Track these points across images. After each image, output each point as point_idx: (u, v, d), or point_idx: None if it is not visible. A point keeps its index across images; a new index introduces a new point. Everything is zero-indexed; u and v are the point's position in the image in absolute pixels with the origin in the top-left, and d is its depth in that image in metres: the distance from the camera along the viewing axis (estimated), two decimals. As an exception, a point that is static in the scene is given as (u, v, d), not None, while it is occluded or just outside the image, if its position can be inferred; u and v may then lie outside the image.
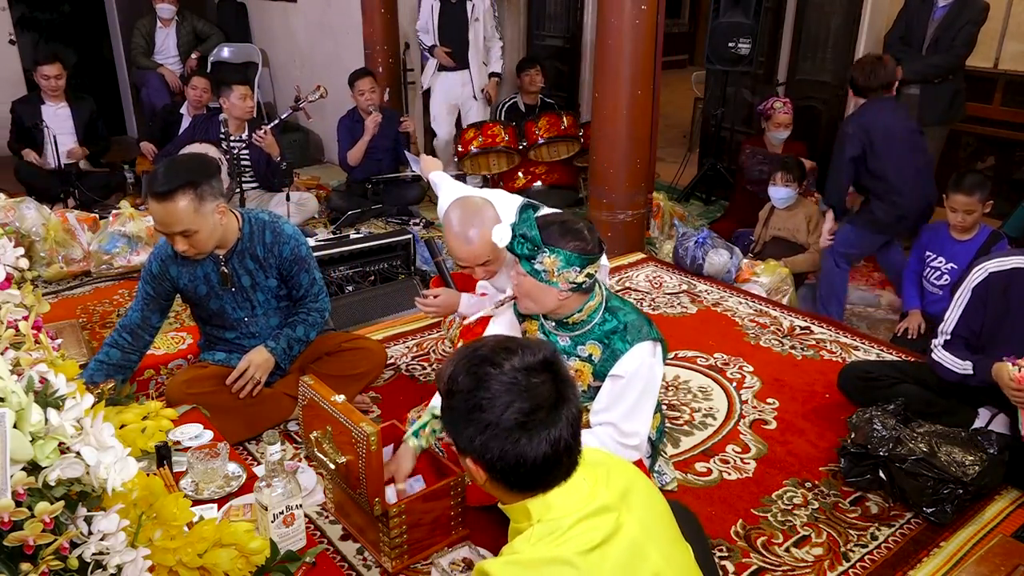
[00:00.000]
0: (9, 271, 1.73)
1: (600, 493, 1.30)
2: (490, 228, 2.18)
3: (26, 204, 4.10)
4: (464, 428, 1.29)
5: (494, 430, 1.25)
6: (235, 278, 2.53)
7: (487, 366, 1.28)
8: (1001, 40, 4.96)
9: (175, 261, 2.50)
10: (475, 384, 1.28)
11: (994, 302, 2.49)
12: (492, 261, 2.37)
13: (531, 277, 1.95)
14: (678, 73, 9.41)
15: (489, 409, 1.25)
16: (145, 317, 2.54)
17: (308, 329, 2.63)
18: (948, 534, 2.25)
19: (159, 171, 2.32)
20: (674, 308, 3.74)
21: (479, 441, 1.27)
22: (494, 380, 1.27)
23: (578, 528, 1.25)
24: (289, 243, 2.56)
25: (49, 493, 1.27)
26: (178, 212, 2.28)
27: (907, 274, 3.59)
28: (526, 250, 1.93)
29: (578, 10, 6.07)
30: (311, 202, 5.04)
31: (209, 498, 2.08)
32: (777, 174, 4.17)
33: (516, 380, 1.27)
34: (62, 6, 7.19)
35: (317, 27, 6.37)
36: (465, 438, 1.29)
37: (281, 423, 2.68)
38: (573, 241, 1.91)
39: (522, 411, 1.25)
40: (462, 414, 1.29)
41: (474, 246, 2.29)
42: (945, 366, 2.55)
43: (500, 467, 1.27)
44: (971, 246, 3.35)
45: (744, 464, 2.56)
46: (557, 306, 1.99)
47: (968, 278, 2.55)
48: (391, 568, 2.03)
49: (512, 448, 1.25)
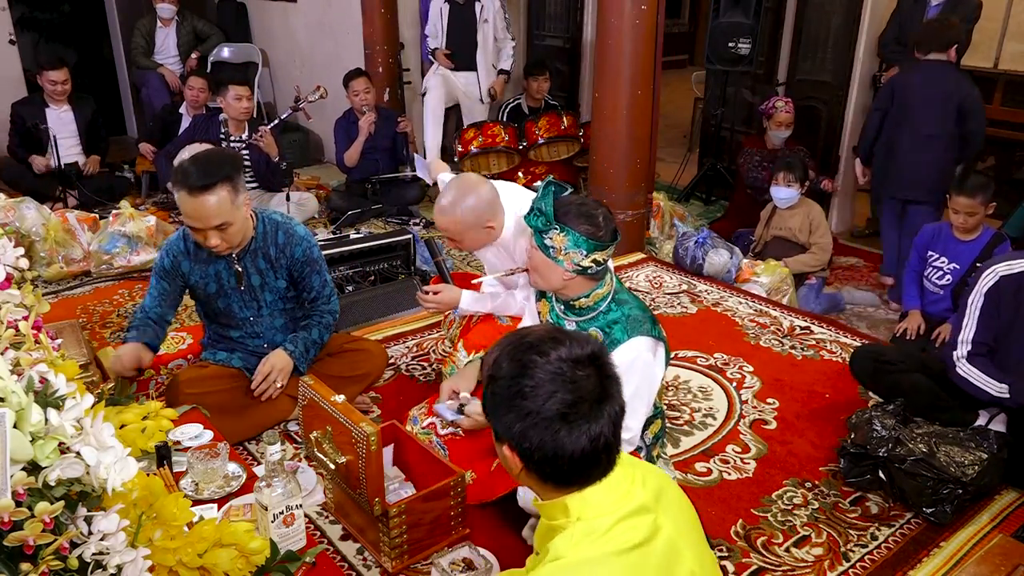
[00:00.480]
0: (9, 271, 1.73)
1: (637, 493, 1.28)
2: (469, 206, 2.35)
3: (26, 204, 4.10)
4: (504, 414, 1.26)
5: (534, 419, 1.23)
6: (246, 277, 2.54)
7: (533, 354, 1.26)
8: (1001, 40, 4.96)
9: (187, 257, 2.51)
10: (519, 371, 1.26)
11: (1007, 305, 2.47)
12: (458, 237, 2.45)
13: (540, 251, 2.00)
14: (678, 73, 9.41)
15: (531, 397, 1.23)
16: (163, 312, 2.56)
17: (322, 331, 2.64)
18: (948, 534, 2.25)
19: (192, 167, 2.31)
20: (674, 308, 3.74)
21: (518, 428, 1.24)
22: (539, 368, 1.24)
23: (619, 528, 1.23)
24: (301, 244, 2.57)
25: (49, 493, 1.27)
26: (217, 206, 2.30)
27: (908, 273, 3.59)
28: (540, 223, 1.97)
29: (578, 10, 6.07)
30: (311, 202, 5.05)
31: (209, 498, 2.08)
32: (779, 174, 4.16)
33: (561, 371, 1.24)
34: (62, 6, 7.19)
35: (317, 27, 6.37)
36: (504, 424, 1.27)
37: (281, 423, 2.68)
38: (584, 224, 1.94)
39: (565, 402, 1.23)
40: (503, 400, 1.26)
41: (444, 216, 2.40)
42: (975, 384, 2.48)
43: (537, 457, 1.25)
44: (974, 247, 3.35)
45: (744, 464, 2.56)
46: (562, 285, 2.03)
47: (979, 283, 2.52)
48: (391, 568, 2.03)
49: (551, 439, 1.23)
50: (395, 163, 5.28)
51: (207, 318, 2.69)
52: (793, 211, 4.20)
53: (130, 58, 6.46)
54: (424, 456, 2.22)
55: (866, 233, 5.04)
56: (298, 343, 2.58)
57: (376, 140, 5.11)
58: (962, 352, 2.53)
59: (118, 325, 3.61)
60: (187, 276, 2.53)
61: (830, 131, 5.08)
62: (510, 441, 1.27)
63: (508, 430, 1.26)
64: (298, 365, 2.58)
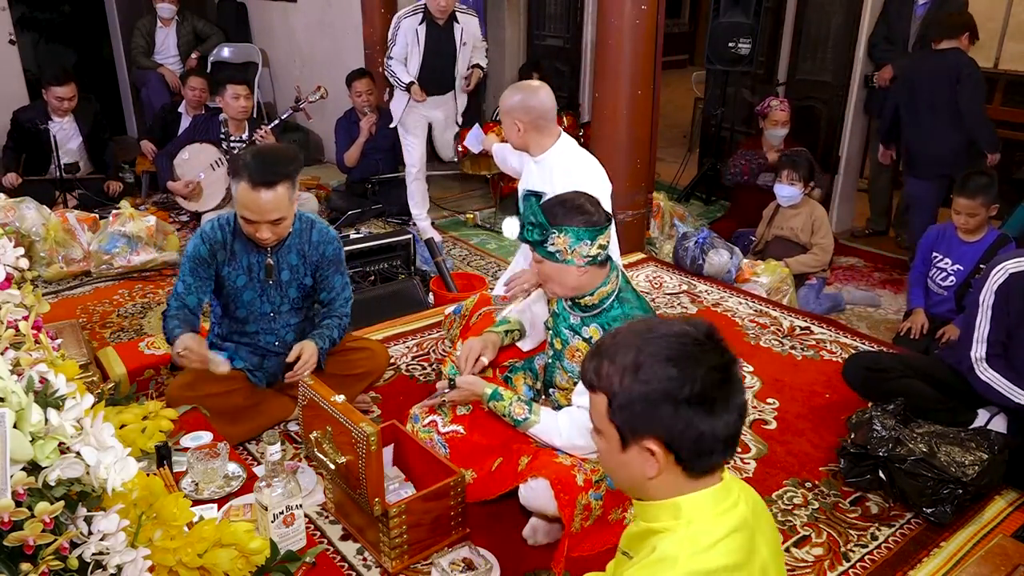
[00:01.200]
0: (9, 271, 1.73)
1: (741, 506, 1.25)
2: (511, 98, 2.88)
3: (26, 204, 4.10)
4: (655, 408, 1.18)
5: (686, 402, 1.17)
6: (276, 271, 2.55)
7: (660, 343, 1.21)
8: (1001, 40, 4.96)
9: (223, 247, 2.51)
10: (661, 366, 1.19)
11: (1015, 302, 2.47)
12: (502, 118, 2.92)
13: (548, 260, 2.02)
14: (678, 73, 9.41)
15: (682, 382, 1.18)
16: (200, 299, 2.54)
17: (341, 333, 2.67)
18: (948, 534, 2.25)
19: (256, 161, 2.33)
20: (674, 308, 3.74)
21: (674, 418, 1.17)
22: (675, 352, 1.20)
23: (724, 544, 1.19)
24: (332, 243, 2.61)
25: (49, 493, 1.27)
26: (277, 201, 2.34)
27: (912, 274, 3.59)
28: (537, 235, 2.00)
29: (578, 10, 6.07)
30: (311, 202, 5.03)
31: (209, 498, 2.08)
32: (783, 172, 4.15)
33: (687, 350, 1.21)
34: (62, 6, 7.19)
35: (317, 27, 6.37)
36: (655, 418, 1.19)
37: (281, 423, 2.68)
38: (578, 216, 1.97)
39: (711, 380, 1.19)
40: (656, 400, 1.18)
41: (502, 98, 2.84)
42: (998, 390, 2.47)
43: (689, 443, 1.19)
44: (978, 248, 3.34)
45: (744, 464, 2.56)
46: (579, 284, 2.05)
47: (989, 279, 2.52)
48: (391, 568, 2.03)
49: (706, 418, 1.18)
50: (396, 163, 5.28)
51: (223, 311, 2.67)
52: (796, 210, 4.20)
53: (130, 58, 6.46)
54: (424, 456, 2.22)
55: (866, 233, 5.04)
56: (325, 341, 2.58)
57: (377, 140, 5.11)
58: (980, 353, 2.51)
59: (118, 325, 3.61)
60: (220, 266, 2.53)
61: (830, 131, 5.08)
62: (659, 436, 1.20)
63: (660, 422, 1.19)
64: (320, 361, 2.59)
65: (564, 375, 2.22)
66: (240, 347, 2.63)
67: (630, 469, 1.25)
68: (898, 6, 4.53)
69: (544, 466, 2.04)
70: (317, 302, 2.71)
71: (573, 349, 2.16)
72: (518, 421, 2.10)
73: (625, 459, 1.24)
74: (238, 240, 2.50)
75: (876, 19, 4.66)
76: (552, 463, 2.04)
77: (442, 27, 4.53)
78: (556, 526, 2.13)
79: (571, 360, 2.18)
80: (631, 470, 1.25)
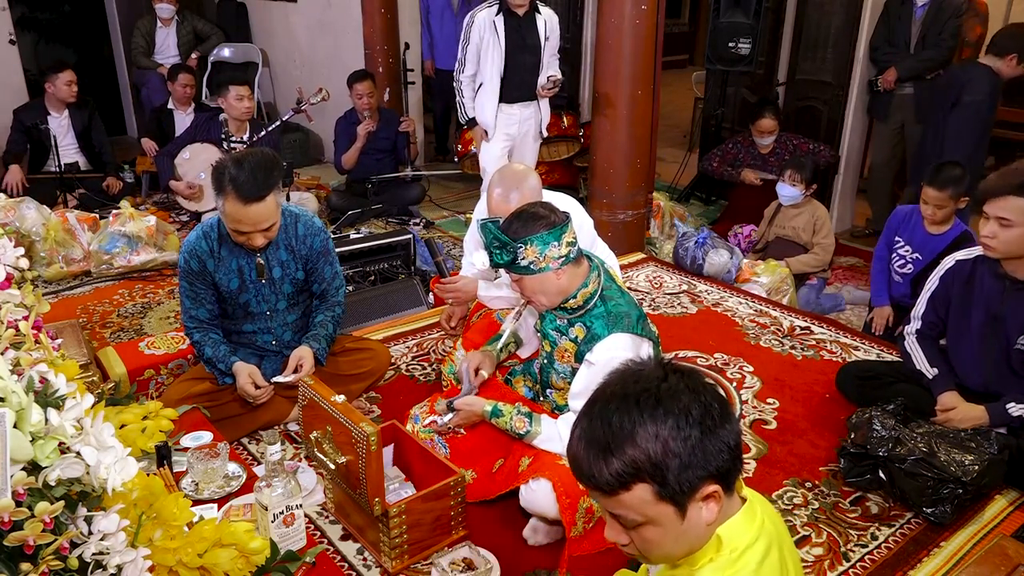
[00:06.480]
0: (9, 271, 1.73)
1: (766, 521, 1.23)
2: (529, 194, 2.45)
3: (26, 204, 4.10)
4: (701, 449, 1.13)
5: (709, 424, 1.13)
6: (267, 269, 2.55)
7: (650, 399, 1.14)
8: (1001, 40, 4.97)
9: (211, 256, 2.52)
10: (655, 405, 1.14)
11: (957, 287, 2.55)
12: None
13: (526, 276, 2.02)
14: (678, 73, 9.41)
15: (688, 410, 1.13)
16: (212, 310, 2.57)
17: (336, 326, 2.69)
18: (948, 534, 2.25)
19: (243, 175, 2.31)
20: (674, 308, 3.74)
21: (714, 449, 1.13)
22: (682, 392, 1.15)
23: (767, 565, 1.17)
24: (320, 235, 2.62)
25: (49, 493, 1.27)
26: (270, 209, 2.39)
27: (875, 263, 3.54)
28: (506, 256, 2.01)
29: (578, 10, 6.06)
30: (311, 202, 5.04)
31: (209, 498, 2.09)
32: (786, 172, 4.17)
33: (654, 384, 1.16)
34: (62, 6, 7.18)
35: (317, 27, 6.37)
36: (709, 462, 1.13)
37: (281, 423, 2.68)
38: (537, 223, 1.99)
39: (701, 404, 1.14)
40: (695, 439, 1.12)
41: (505, 205, 2.41)
42: (912, 359, 2.65)
43: (725, 470, 1.15)
44: (940, 241, 3.29)
45: (744, 464, 2.56)
46: (561, 287, 2.05)
47: (939, 267, 2.64)
48: (391, 568, 2.03)
49: (723, 431, 1.15)
50: (396, 163, 5.28)
51: (220, 313, 2.67)
52: (798, 210, 4.20)
53: (130, 58, 6.46)
54: (424, 456, 2.22)
55: (866, 233, 5.04)
56: (321, 341, 2.61)
57: (377, 141, 5.11)
58: (912, 328, 2.69)
59: (118, 325, 3.61)
60: (212, 274, 2.54)
61: (830, 131, 5.08)
62: (711, 474, 1.14)
63: (712, 465, 1.14)
64: (320, 361, 2.61)
65: (557, 375, 2.22)
66: (238, 348, 2.63)
67: (691, 532, 1.17)
68: (897, 9, 4.55)
69: (547, 467, 2.05)
70: (310, 295, 2.71)
71: (561, 350, 2.15)
72: (520, 435, 2.12)
73: (686, 526, 1.16)
74: (224, 245, 2.51)
75: (876, 20, 4.67)
76: (555, 464, 2.04)
77: (522, 18, 4.11)
78: (556, 527, 2.13)
79: (561, 361, 2.17)
80: (692, 532, 1.17)
